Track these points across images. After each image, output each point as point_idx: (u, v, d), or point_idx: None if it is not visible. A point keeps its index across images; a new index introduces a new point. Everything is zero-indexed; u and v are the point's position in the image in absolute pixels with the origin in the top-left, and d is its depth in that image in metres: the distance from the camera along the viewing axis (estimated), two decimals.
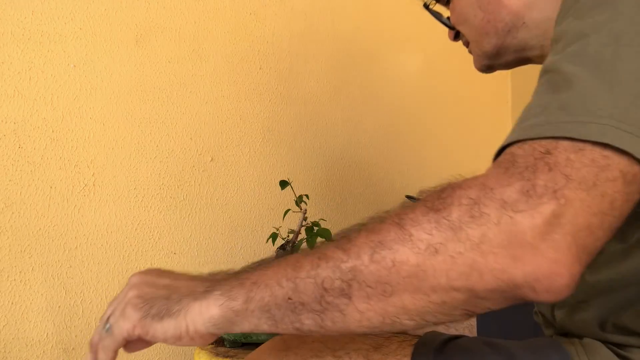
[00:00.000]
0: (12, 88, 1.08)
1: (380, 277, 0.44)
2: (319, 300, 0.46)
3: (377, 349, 0.67)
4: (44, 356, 1.08)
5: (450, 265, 0.42)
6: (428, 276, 0.43)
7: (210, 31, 1.32)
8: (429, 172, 1.67)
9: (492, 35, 0.78)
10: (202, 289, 0.52)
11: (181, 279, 0.56)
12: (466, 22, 0.82)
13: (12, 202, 1.07)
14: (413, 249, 0.43)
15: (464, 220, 0.42)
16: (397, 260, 0.43)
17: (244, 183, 1.35)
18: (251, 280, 0.50)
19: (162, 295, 0.54)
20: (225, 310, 0.50)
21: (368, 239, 0.45)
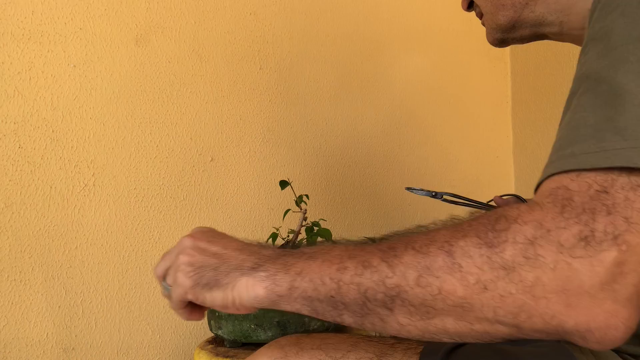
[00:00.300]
0: (12, 88, 1.08)
1: (425, 301, 0.43)
2: (361, 306, 0.46)
3: (381, 358, 0.65)
4: (44, 356, 1.08)
5: (498, 303, 0.41)
6: (474, 309, 0.42)
7: (210, 31, 1.32)
8: (429, 172, 1.67)
9: (508, 7, 0.75)
10: (250, 264, 0.54)
11: (230, 248, 0.58)
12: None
13: (12, 202, 1.07)
14: (462, 282, 0.42)
15: (517, 260, 0.40)
16: (444, 289, 0.42)
17: (244, 183, 1.35)
18: (296, 270, 0.50)
19: (211, 265, 0.56)
20: (269, 292, 0.52)
21: (415, 259, 0.44)
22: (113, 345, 1.16)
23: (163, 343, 1.22)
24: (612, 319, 0.38)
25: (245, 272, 0.53)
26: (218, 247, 0.59)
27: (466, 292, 0.42)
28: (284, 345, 0.70)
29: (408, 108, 1.66)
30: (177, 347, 1.24)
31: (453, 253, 0.42)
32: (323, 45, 1.49)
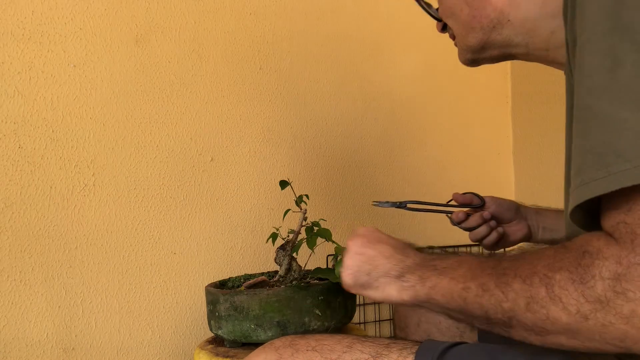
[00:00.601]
0: (12, 88, 1.08)
1: (536, 323, 0.50)
2: (486, 321, 0.55)
3: (377, 358, 0.66)
4: (44, 356, 1.08)
5: (602, 330, 0.46)
6: (582, 333, 0.48)
7: (210, 31, 1.32)
8: (429, 172, 1.67)
9: (477, 30, 0.79)
10: (395, 273, 0.68)
11: (382, 255, 0.71)
12: (453, 15, 0.83)
13: (12, 202, 1.07)
14: (564, 311, 0.47)
15: (609, 295, 0.45)
16: (551, 316, 0.49)
17: (244, 183, 1.35)
18: (430, 284, 0.63)
19: (365, 270, 0.72)
20: (412, 299, 0.66)
21: (522, 288, 0.51)
22: (113, 345, 1.16)
23: (163, 343, 1.22)
24: None
25: (391, 281, 0.69)
26: (374, 253, 0.72)
27: (570, 320, 0.47)
28: (279, 347, 0.70)
29: (408, 108, 1.66)
30: (177, 347, 1.24)
31: (552, 288, 0.48)
32: (323, 45, 1.49)
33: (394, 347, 0.67)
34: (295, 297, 0.90)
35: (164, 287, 1.23)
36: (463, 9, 0.80)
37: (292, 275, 1.04)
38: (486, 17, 0.77)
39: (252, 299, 0.90)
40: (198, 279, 1.27)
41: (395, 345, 0.67)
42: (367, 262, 0.72)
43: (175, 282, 1.24)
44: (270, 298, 0.90)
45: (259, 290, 0.91)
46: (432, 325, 1.04)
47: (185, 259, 1.26)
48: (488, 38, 0.79)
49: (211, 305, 0.96)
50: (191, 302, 1.26)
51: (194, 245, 1.27)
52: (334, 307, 0.94)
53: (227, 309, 0.92)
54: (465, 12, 0.80)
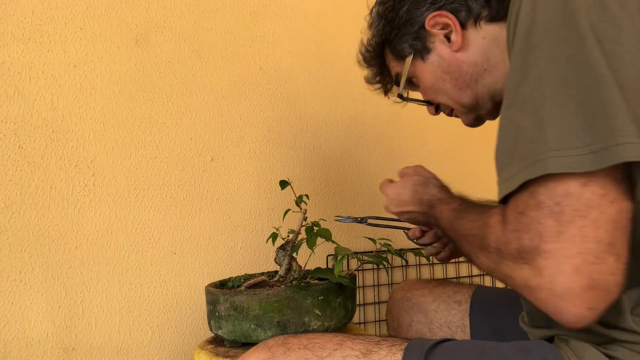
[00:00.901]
0: (12, 88, 1.08)
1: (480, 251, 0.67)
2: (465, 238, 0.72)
3: (367, 355, 0.67)
4: (44, 356, 1.08)
5: (505, 276, 0.62)
6: (496, 275, 0.64)
7: (210, 31, 1.32)
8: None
9: (465, 89, 0.87)
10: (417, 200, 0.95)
11: (418, 212, 0.95)
12: (439, 90, 0.90)
13: (12, 202, 1.07)
14: (485, 262, 0.65)
15: (496, 259, 0.64)
16: (480, 259, 0.67)
17: (244, 183, 1.35)
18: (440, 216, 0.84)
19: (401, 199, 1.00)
20: (426, 208, 0.91)
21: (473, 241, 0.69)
22: (113, 345, 1.16)
23: (163, 343, 1.22)
24: None
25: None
26: (406, 196, 1.00)
27: (488, 268, 0.65)
28: (272, 346, 0.71)
29: (408, 107, 1.66)
30: (177, 347, 1.24)
31: (485, 238, 0.65)
32: (323, 45, 1.49)
33: (384, 344, 0.69)
34: (295, 297, 0.90)
35: (164, 287, 1.23)
36: (445, 79, 0.88)
37: (292, 275, 1.04)
38: (466, 74, 0.86)
39: (252, 299, 0.90)
40: (198, 279, 1.27)
41: (385, 342, 0.69)
42: (401, 204, 0.98)
43: (175, 282, 1.24)
44: (270, 298, 0.90)
45: (259, 290, 0.91)
46: (424, 326, 1.05)
47: (185, 259, 1.26)
48: (477, 92, 0.87)
49: (211, 305, 0.96)
50: (191, 302, 1.26)
51: (194, 245, 1.27)
52: (334, 307, 0.94)
53: (227, 309, 0.92)
54: (447, 80, 0.88)
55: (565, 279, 0.52)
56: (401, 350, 0.67)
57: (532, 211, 0.54)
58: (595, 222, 0.52)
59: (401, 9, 0.89)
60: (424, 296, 1.09)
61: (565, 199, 0.53)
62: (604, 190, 0.52)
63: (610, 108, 0.52)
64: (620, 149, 0.51)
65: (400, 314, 1.10)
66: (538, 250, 0.53)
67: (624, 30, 0.55)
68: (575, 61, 0.55)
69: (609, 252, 0.52)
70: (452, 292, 1.07)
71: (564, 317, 0.53)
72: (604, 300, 0.52)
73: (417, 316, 1.07)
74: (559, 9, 0.57)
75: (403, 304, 1.10)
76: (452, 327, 1.03)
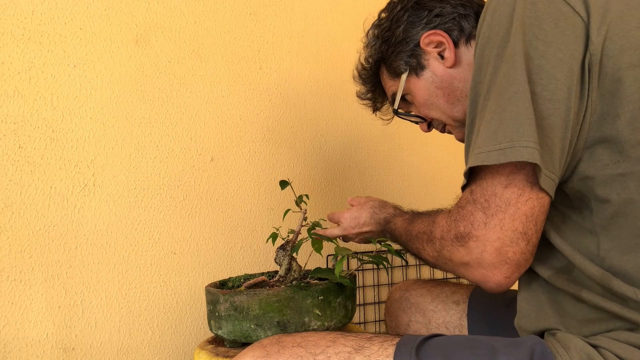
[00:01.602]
0: (12, 88, 1.08)
1: (421, 252, 0.81)
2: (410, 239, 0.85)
3: (359, 351, 0.69)
4: (44, 356, 1.08)
5: (445, 264, 0.75)
6: (440, 266, 0.77)
7: (210, 31, 1.32)
8: (429, 172, 1.67)
9: (456, 103, 0.93)
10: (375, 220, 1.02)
11: (375, 232, 1.03)
12: (433, 105, 0.95)
13: (12, 202, 1.07)
14: (430, 253, 0.77)
15: (439, 248, 0.77)
16: (425, 251, 0.79)
17: (244, 183, 1.35)
18: (393, 229, 0.94)
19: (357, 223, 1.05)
20: (381, 225, 1.01)
21: (422, 240, 0.79)
22: (113, 345, 1.16)
23: (163, 343, 1.22)
24: None
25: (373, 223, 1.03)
26: (363, 220, 1.05)
27: (433, 259, 0.77)
28: (266, 345, 0.73)
29: None
30: (177, 347, 1.24)
31: (431, 233, 0.77)
32: (323, 45, 1.49)
33: (376, 340, 0.71)
34: (295, 297, 0.90)
35: (164, 287, 1.23)
36: (437, 94, 0.93)
37: (292, 275, 1.04)
38: (457, 89, 0.92)
39: (252, 299, 0.90)
40: (198, 279, 1.27)
41: (377, 338, 0.71)
42: (360, 226, 1.04)
43: (175, 282, 1.24)
44: (270, 298, 0.90)
45: (259, 290, 0.91)
46: (422, 325, 1.06)
47: (185, 259, 1.26)
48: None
49: (211, 305, 0.96)
50: (191, 302, 1.26)
51: (194, 245, 1.27)
52: (334, 307, 0.94)
53: (227, 309, 0.92)
54: (440, 95, 0.93)
55: (488, 256, 0.66)
56: (393, 345, 0.69)
57: (469, 205, 0.67)
58: (512, 216, 0.64)
59: (398, 29, 0.94)
60: (422, 296, 1.09)
61: (491, 197, 0.65)
62: (521, 191, 0.64)
63: (521, 117, 0.62)
64: (523, 150, 0.61)
65: (398, 314, 1.11)
66: (470, 235, 0.67)
67: (552, 46, 0.64)
68: (508, 76, 0.64)
69: (522, 238, 0.64)
70: (450, 292, 1.08)
71: (488, 284, 0.67)
72: (516, 271, 0.66)
73: (415, 316, 1.08)
74: (506, 30, 0.66)
75: (401, 304, 1.11)
76: (450, 327, 1.04)
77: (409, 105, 1.02)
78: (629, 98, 0.63)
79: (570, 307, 0.69)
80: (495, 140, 0.63)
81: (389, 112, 1.10)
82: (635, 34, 0.64)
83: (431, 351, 0.67)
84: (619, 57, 0.63)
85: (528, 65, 0.64)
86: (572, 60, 0.63)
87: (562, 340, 0.66)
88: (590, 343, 0.65)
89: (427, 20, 0.92)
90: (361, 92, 1.10)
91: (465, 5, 0.92)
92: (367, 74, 1.05)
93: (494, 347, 0.66)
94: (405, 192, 1.63)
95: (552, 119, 0.63)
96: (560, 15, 0.64)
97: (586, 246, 0.67)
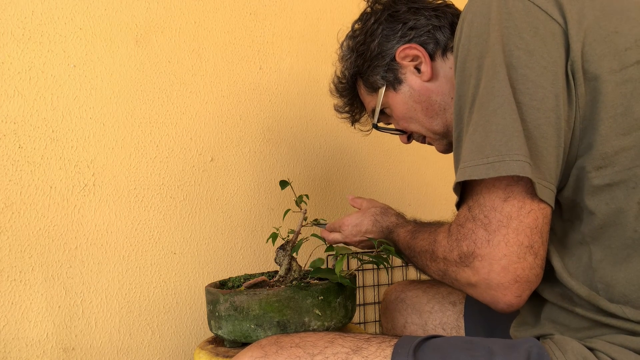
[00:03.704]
0: (12, 88, 1.08)
1: (429, 263, 0.78)
2: (414, 254, 0.83)
3: (357, 352, 0.69)
4: (44, 356, 1.08)
5: (451, 281, 0.73)
6: (446, 280, 0.73)
7: (210, 31, 1.32)
8: (429, 172, 1.67)
9: (435, 117, 0.92)
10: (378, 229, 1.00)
11: (371, 233, 1.00)
12: (411, 119, 0.95)
13: (12, 202, 1.07)
14: (434, 271, 0.76)
15: (443, 268, 0.75)
16: (431, 268, 0.76)
17: (244, 183, 1.35)
18: (396, 233, 0.93)
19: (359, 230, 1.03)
20: (383, 232, 0.99)
21: (426, 253, 0.78)
22: (113, 345, 1.16)
23: (163, 343, 1.22)
24: None
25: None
26: (366, 227, 1.03)
27: (437, 275, 0.75)
28: (265, 345, 0.73)
29: None
30: (177, 347, 1.24)
31: (434, 251, 0.75)
32: (323, 45, 1.49)
33: (374, 341, 0.71)
34: (295, 297, 0.90)
35: (164, 287, 1.23)
36: (416, 108, 0.93)
37: (292, 275, 1.04)
38: (435, 102, 0.91)
39: (252, 299, 0.90)
40: (198, 279, 1.27)
41: (375, 339, 0.71)
42: (361, 234, 1.02)
43: (175, 282, 1.24)
44: (270, 298, 0.90)
45: (259, 290, 0.91)
46: (419, 327, 1.06)
47: (185, 259, 1.26)
48: (446, 120, 0.92)
49: (211, 305, 0.96)
50: (191, 302, 1.26)
51: (194, 245, 1.27)
52: (334, 307, 0.94)
53: (227, 309, 0.92)
54: (418, 109, 0.92)
55: (496, 276, 0.63)
56: (390, 346, 0.68)
57: (469, 223, 0.65)
58: (516, 230, 0.62)
59: (372, 43, 0.94)
60: (417, 297, 1.09)
61: (491, 212, 0.63)
62: (521, 203, 0.62)
63: (509, 129, 0.61)
64: (513, 164, 0.60)
65: (394, 316, 1.10)
66: (474, 254, 0.64)
67: (534, 55, 0.63)
68: (489, 87, 0.63)
69: (529, 252, 0.62)
70: (447, 293, 1.07)
71: (499, 305, 0.64)
72: (527, 289, 0.64)
73: (411, 317, 1.07)
74: (485, 41, 0.65)
75: (397, 305, 1.10)
76: (446, 328, 1.03)
77: (388, 117, 1.02)
78: (612, 103, 0.62)
79: (563, 318, 0.69)
80: (482, 154, 0.62)
81: (367, 124, 1.10)
82: (613, 39, 0.63)
83: (429, 352, 0.66)
84: (599, 63, 0.62)
85: (511, 75, 0.63)
86: (556, 67, 0.62)
87: (558, 342, 0.66)
88: (586, 346, 0.65)
89: (402, 34, 0.91)
90: (339, 105, 1.09)
91: (440, 16, 0.91)
92: (344, 88, 1.04)
93: (491, 349, 0.65)
94: (405, 192, 1.63)
95: (544, 128, 0.62)
96: (539, 23, 0.64)
97: (579, 257, 0.66)
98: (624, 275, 0.63)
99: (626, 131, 0.62)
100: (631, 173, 0.62)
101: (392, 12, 0.93)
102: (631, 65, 0.62)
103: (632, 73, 0.62)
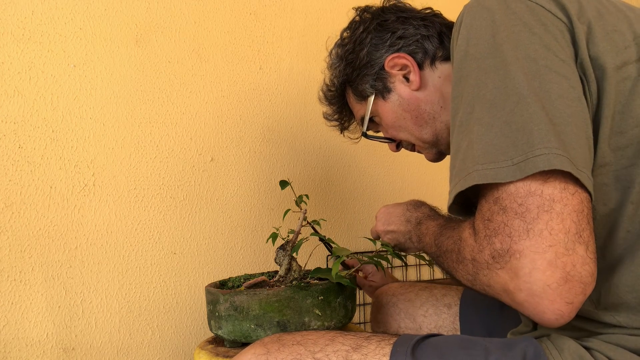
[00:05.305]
0: (12, 88, 1.08)
1: (457, 264, 0.69)
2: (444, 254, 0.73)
3: (357, 350, 0.69)
4: (44, 356, 1.08)
5: (484, 284, 0.63)
6: (477, 282, 0.63)
7: (210, 31, 1.32)
8: (429, 172, 1.67)
9: (424, 125, 0.92)
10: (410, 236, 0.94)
11: (400, 232, 0.96)
12: (400, 127, 0.95)
13: (12, 202, 1.07)
14: (463, 275, 0.66)
15: (473, 270, 0.65)
16: (459, 270, 0.67)
17: (244, 183, 1.35)
18: (423, 242, 0.84)
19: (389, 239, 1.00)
20: (418, 247, 0.90)
21: (452, 251, 0.70)
22: (113, 345, 1.16)
23: (163, 343, 1.22)
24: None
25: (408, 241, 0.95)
26: (393, 226, 0.97)
27: (467, 279, 0.65)
28: (267, 343, 0.74)
29: None
30: (177, 347, 1.24)
31: (460, 252, 0.67)
32: (323, 45, 1.49)
33: (374, 339, 0.71)
34: (295, 297, 0.90)
35: (164, 287, 1.23)
36: (405, 116, 0.92)
37: (292, 275, 1.04)
38: (424, 111, 0.91)
39: (252, 299, 0.90)
40: (198, 279, 1.27)
41: (374, 337, 0.71)
42: (390, 232, 0.98)
43: (175, 282, 1.24)
44: (270, 298, 0.90)
45: (259, 290, 0.91)
46: (413, 332, 1.05)
47: (185, 259, 1.26)
48: (436, 128, 0.92)
49: (211, 305, 0.96)
50: (191, 302, 1.26)
51: (194, 245, 1.27)
52: (334, 307, 0.94)
53: (227, 309, 0.92)
54: (407, 118, 0.92)
55: (541, 275, 0.52)
56: (390, 344, 0.69)
57: (498, 216, 0.56)
58: (560, 214, 0.53)
59: (361, 52, 0.94)
60: (410, 301, 1.08)
61: (527, 198, 0.55)
62: (564, 184, 0.54)
63: (529, 125, 0.57)
64: (538, 159, 0.54)
65: (387, 321, 1.09)
66: (510, 251, 0.54)
67: (551, 49, 0.61)
68: (501, 87, 0.60)
69: (578, 242, 0.53)
70: (441, 295, 1.06)
71: (545, 315, 0.54)
72: (581, 293, 0.53)
73: (404, 322, 1.06)
74: (488, 41, 0.63)
75: (389, 309, 1.09)
76: (442, 331, 1.02)
77: (377, 125, 1.02)
78: (612, 101, 0.62)
79: (560, 329, 0.68)
80: (506, 155, 0.56)
81: (357, 131, 1.09)
82: (613, 37, 0.63)
83: (427, 350, 0.67)
84: (604, 59, 0.62)
85: (531, 68, 0.60)
86: (571, 61, 0.61)
87: (555, 341, 0.66)
88: (583, 345, 0.64)
89: (391, 43, 0.91)
90: (328, 113, 1.09)
91: (428, 25, 0.91)
92: (333, 96, 1.04)
93: (488, 347, 0.65)
94: (405, 193, 1.63)
95: (574, 118, 0.58)
96: (546, 20, 0.63)
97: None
98: (617, 278, 0.63)
99: (623, 129, 0.62)
100: (627, 172, 0.62)
101: (381, 21, 0.93)
102: (630, 63, 0.63)
103: (630, 71, 0.62)
